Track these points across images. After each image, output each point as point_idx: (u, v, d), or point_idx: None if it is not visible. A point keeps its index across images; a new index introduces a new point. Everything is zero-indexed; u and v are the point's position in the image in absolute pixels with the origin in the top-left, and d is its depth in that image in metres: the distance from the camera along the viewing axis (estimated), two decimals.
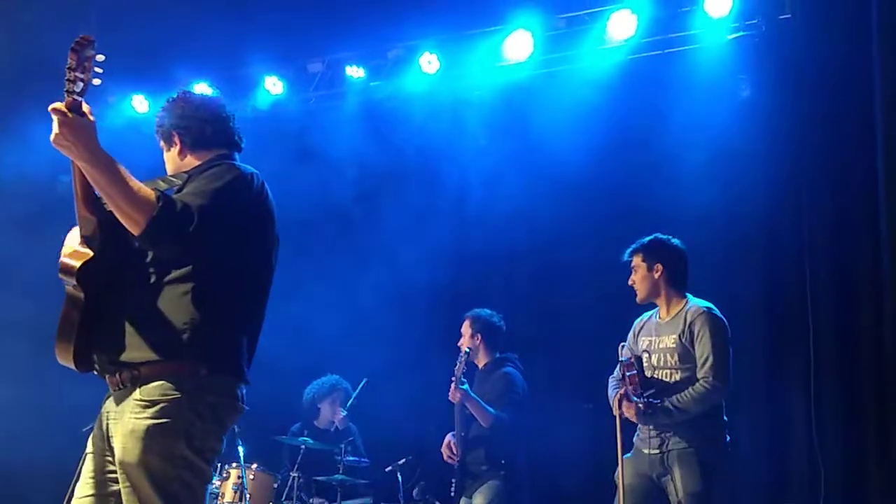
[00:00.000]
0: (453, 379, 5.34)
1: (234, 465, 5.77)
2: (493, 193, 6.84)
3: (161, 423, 2.63)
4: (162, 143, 3.07)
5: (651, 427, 4.38)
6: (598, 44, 6.39)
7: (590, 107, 6.32)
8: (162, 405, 2.64)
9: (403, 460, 5.96)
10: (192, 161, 2.98)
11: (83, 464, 2.83)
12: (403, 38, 6.88)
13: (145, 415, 2.64)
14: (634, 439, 4.54)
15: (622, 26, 6.21)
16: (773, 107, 5.92)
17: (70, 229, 2.80)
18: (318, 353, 6.81)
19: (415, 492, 5.91)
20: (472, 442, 5.40)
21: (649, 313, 4.69)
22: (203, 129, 2.99)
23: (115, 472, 2.74)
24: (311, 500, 6.06)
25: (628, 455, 4.51)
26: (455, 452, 5.40)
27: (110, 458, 2.77)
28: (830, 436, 5.37)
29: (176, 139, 3.01)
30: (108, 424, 2.77)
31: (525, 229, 6.71)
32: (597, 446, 5.47)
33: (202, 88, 7.29)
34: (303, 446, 5.98)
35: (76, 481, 2.86)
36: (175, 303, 2.69)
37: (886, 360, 5.20)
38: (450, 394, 5.35)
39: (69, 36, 2.51)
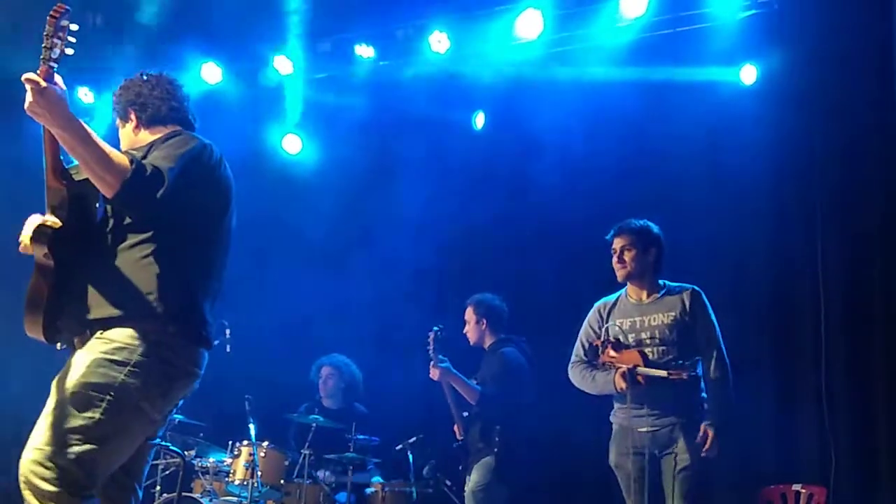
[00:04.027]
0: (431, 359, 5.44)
1: (245, 442, 5.80)
2: (500, 173, 6.84)
3: (110, 358, 2.70)
4: (118, 120, 3.18)
5: (643, 405, 4.41)
6: (610, 22, 6.35)
7: (600, 87, 6.29)
8: (117, 344, 2.71)
9: (414, 438, 5.97)
10: (146, 136, 3.07)
11: None
12: (413, 17, 6.84)
13: (100, 348, 2.71)
14: (612, 419, 4.60)
15: (634, 4, 6.16)
16: (786, 85, 5.88)
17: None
18: (328, 333, 6.83)
19: (425, 470, 5.92)
20: (470, 421, 5.49)
21: (614, 296, 4.75)
22: (160, 106, 3.11)
23: None
24: (318, 473, 6.11)
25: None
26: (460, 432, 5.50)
27: None
28: (841, 416, 5.37)
29: (132, 115, 3.12)
30: None
31: (530, 210, 6.70)
32: (599, 425, 5.49)
33: (211, 68, 7.29)
34: (314, 424, 6.01)
35: None
36: (141, 266, 2.77)
37: None
38: (430, 373, 5.44)
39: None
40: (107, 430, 2.66)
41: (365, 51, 6.97)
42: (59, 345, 2.86)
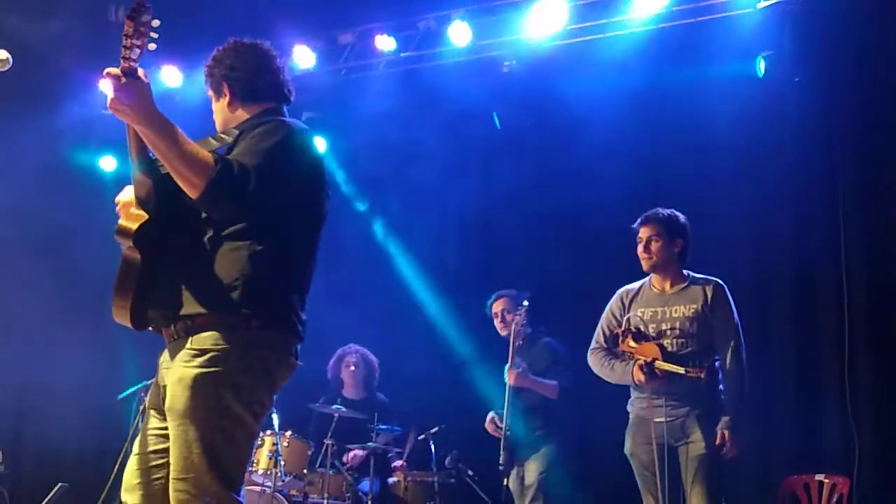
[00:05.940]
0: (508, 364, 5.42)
1: (268, 432, 5.84)
2: (520, 164, 6.83)
3: (209, 371, 2.64)
4: (210, 93, 3.03)
5: (660, 396, 4.42)
6: (630, 13, 6.33)
7: (620, 77, 6.28)
8: (211, 354, 2.65)
9: (436, 429, 6.01)
10: (241, 114, 2.95)
11: (141, 419, 2.87)
12: (434, 9, 6.84)
13: (194, 363, 2.65)
14: (629, 408, 4.62)
15: None
16: (807, 77, 5.85)
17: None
18: (348, 323, 6.84)
19: (447, 460, 5.96)
20: (526, 411, 5.48)
21: (637, 284, 4.75)
22: (254, 80, 2.95)
23: (160, 428, 2.78)
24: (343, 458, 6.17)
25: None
26: (500, 426, 5.42)
27: (156, 415, 2.81)
28: (865, 406, 5.35)
29: (226, 90, 2.97)
30: (162, 375, 2.81)
31: (552, 201, 6.70)
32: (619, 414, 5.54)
33: None
34: (336, 414, 6.04)
35: (132, 436, 2.89)
36: (229, 259, 2.69)
37: None
38: (506, 377, 5.40)
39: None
40: (232, 441, 2.65)
41: (386, 42, 6.96)
42: (150, 327, 2.82)
